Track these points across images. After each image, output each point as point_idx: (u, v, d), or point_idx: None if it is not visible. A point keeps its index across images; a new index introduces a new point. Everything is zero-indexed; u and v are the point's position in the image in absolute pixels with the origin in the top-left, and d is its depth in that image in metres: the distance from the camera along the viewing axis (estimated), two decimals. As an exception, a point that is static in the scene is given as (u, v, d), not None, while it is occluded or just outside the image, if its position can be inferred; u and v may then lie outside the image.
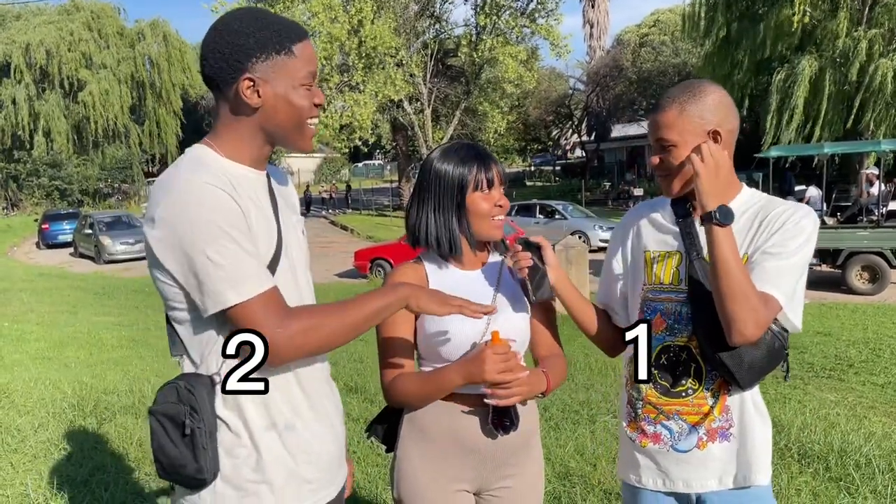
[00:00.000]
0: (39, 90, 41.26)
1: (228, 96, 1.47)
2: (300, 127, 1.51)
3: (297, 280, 1.58)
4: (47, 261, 23.86)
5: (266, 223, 1.49)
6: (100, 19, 42.70)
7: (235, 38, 1.43)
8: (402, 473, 1.85)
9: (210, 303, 1.37)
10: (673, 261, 1.79)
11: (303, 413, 1.54)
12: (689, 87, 1.72)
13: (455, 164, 1.81)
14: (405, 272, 1.87)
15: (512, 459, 1.85)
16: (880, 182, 13.41)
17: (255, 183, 1.52)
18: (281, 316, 1.39)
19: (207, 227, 1.34)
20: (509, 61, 26.59)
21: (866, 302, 11.36)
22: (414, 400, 1.82)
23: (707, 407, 1.74)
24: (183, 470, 1.42)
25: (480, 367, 1.62)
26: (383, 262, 16.51)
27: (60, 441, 4.56)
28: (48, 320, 10.97)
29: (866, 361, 7.21)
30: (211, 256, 1.35)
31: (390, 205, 35.74)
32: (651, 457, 1.83)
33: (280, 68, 1.45)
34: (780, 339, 1.68)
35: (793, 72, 20.38)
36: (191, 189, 1.36)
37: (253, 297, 1.37)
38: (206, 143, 1.51)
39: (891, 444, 4.24)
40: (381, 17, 25.32)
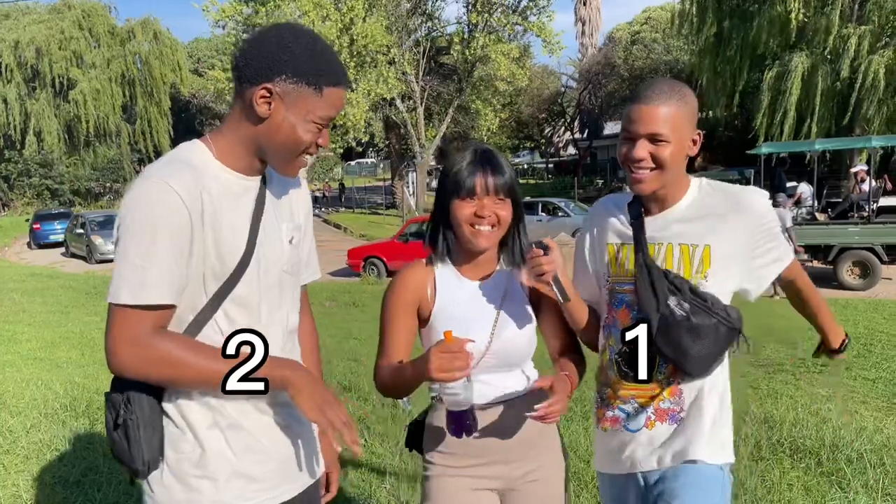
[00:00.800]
0: (30, 89, 41.05)
1: (244, 98, 1.47)
2: (293, 155, 1.51)
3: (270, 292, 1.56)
4: (38, 261, 23.75)
5: (232, 231, 1.48)
6: (90, 18, 42.48)
7: (277, 49, 1.44)
8: (430, 477, 1.88)
9: (109, 293, 1.40)
10: (629, 254, 1.84)
11: (250, 413, 1.53)
12: (678, 87, 1.74)
13: (450, 168, 1.81)
14: (415, 276, 1.87)
15: (531, 453, 1.87)
16: (871, 178, 13.47)
17: (239, 189, 1.51)
18: (144, 336, 1.38)
19: (143, 225, 1.37)
20: (501, 59, 26.60)
21: (857, 297, 11.42)
22: (389, 391, 1.86)
23: (658, 389, 1.80)
24: (122, 456, 1.47)
25: (426, 365, 1.61)
26: (376, 261, 16.50)
27: (52, 442, 4.55)
28: (40, 321, 10.92)
29: (858, 357, 7.25)
30: (129, 253, 1.38)
31: (383, 203, 35.69)
32: (608, 440, 1.90)
33: (301, 98, 1.45)
34: (725, 323, 1.71)
35: (785, 69, 20.47)
36: (149, 185, 1.39)
37: (138, 303, 1.37)
38: (204, 141, 1.53)
39: (882, 439, 4.27)
40: (373, 14, 25.27)
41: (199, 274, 1.45)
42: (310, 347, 1.82)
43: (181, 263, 1.40)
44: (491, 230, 1.77)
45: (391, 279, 1.91)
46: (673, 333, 1.69)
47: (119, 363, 1.40)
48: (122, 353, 1.39)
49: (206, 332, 1.48)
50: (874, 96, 19.07)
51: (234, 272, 1.48)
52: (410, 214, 26.52)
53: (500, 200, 1.77)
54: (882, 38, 19.87)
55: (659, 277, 1.74)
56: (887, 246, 11.95)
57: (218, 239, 1.45)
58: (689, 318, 1.68)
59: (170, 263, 1.38)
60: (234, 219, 1.49)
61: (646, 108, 1.70)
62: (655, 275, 1.75)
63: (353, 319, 10.74)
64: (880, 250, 11.90)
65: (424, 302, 1.85)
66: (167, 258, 1.38)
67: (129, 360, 1.39)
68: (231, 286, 1.48)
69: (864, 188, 13.48)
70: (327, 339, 8.72)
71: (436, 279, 1.86)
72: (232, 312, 1.50)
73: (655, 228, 1.82)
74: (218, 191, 1.46)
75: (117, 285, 1.39)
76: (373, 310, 11.78)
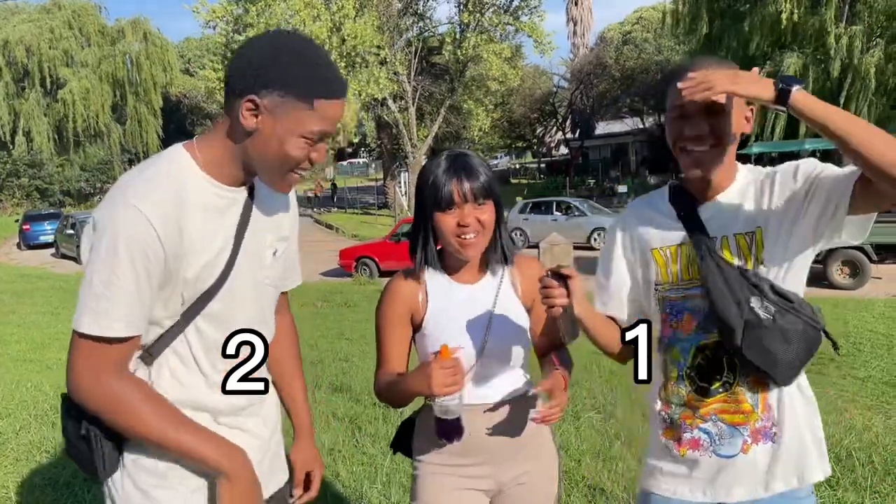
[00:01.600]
0: (19, 88, 40.82)
1: (232, 109, 1.40)
2: (282, 171, 1.43)
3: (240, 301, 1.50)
4: (28, 262, 23.63)
5: (212, 250, 1.43)
6: (80, 17, 42.30)
7: (266, 59, 1.37)
8: (418, 476, 1.89)
9: (74, 318, 1.34)
10: (685, 254, 1.67)
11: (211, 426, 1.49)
12: (724, 63, 1.59)
13: (425, 178, 1.78)
14: (405, 285, 1.85)
15: (522, 455, 1.87)
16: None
17: (223, 203, 1.46)
18: (104, 371, 1.34)
19: (109, 253, 1.31)
20: (493, 59, 26.63)
21: (847, 296, 11.48)
22: (386, 400, 1.88)
23: (748, 405, 1.62)
24: (81, 462, 1.44)
25: (427, 381, 1.61)
26: (368, 261, 16.48)
27: (42, 443, 4.53)
28: (29, 322, 10.86)
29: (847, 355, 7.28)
30: (94, 280, 1.32)
31: (375, 203, 35.66)
32: (690, 465, 1.69)
33: (290, 111, 1.37)
34: (813, 323, 1.57)
35: (777, 69, 20.55)
36: (121, 209, 1.32)
37: (98, 334, 1.32)
38: (190, 148, 1.45)
39: (871, 437, 4.30)
40: (364, 14, 25.24)
41: (173, 293, 1.39)
42: (288, 345, 1.80)
43: (146, 295, 1.34)
44: (475, 237, 1.76)
45: (383, 290, 1.90)
46: (762, 339, 1.52)
47: (77, 393, 1.35)
48: (82, 383, 1.34)
49: (175, 346, 1.44)
50: (865, 96, 19.20)
51: (209, 289, 1.43)
52: (402, 214, 26.51)
53: (480, 205, 1.75)
54: (872, 38, 20.01)
55: (735, 277, 1.56)
56: (877, 245, 12.02)
57: (197, 259, 1.39)
58: (775, 321, 1.53)
59: (134, 297, 1.32)
60: (216, 236, 1.43)
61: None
62: (730, 274, 1.57)
63: (345, 319, 10.72)
64: (869, 250, 11.96)
65: (416, 310, 1.84)
66: (133, 291, 1.32)
67: (86, 394, 1.34)
68: (205, 303, 1.43)
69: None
70: (319, 340, 8.70)
71: (426, 286, 1.85)
72: (203, 327, 1.45)
73: (706, 220, 1.65)
74: (199, 206, 1.40)
75: (80, 311, 1.33)
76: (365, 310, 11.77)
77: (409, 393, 1.74)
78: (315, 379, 6.12)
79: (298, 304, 12.00)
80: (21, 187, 38.95)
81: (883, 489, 3.55)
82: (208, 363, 1.47)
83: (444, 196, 1.73)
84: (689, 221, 1.65)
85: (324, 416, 5.02)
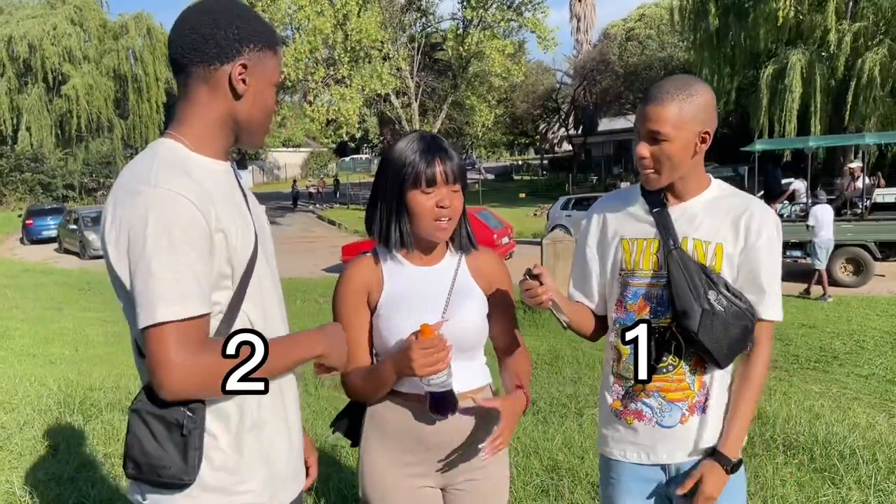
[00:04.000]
0: (22, 84, 40.79)
1: (209, 78, 1.39)
2: (265, 125, 1.49)
3: (272, 271, 1.57)
4: (31, 257, 23.65)
5: (242, 219, 1.45)
6: (83, 13, 42.24)
7: (236, 20, 1.39)
8: (366, 470, 1.84)
9: (143, 316, 1.29)
10: (651, 247, 1.86)
11: (275, 414, 1.52)
12: (685, 84, 1.76)
13: (400, 157, 1.75)
14: (360, 268, 1.85)
15: (473, 451, 1.80)
16: (865, 175, 13.52)
17: (224, 177, 1.48)
18: (200, 349, 1.32)
19: (160, 238, 1.29)
20: (496, 55, 26.59)
21: (851, 294, 11.46)
22: (362, 395, 1.83)
23: (685, 384, 1.85)
24: (165, 471, 1.37)
25: (408, 362, 1.61)
26: (371, 257, 16.46)
27: (46, 438, 4.53)
28: (33, 317, 10.89)
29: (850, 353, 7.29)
30: (154, 269, 1.29)
31: (378, 199, 35.58)
32: (636, 432, 1.91)
33: (265, 63, 1.43)
34: (749, 317, 1.79)
35: (781, 66, 20.49)
36: (156, 196, 1.31)
37: (178, 319, 1.29)
38: (174, 137, 1.44)
39: (874, 435, 4.29)
40: (368, 10, 25.21)
41: (223, 269, 1.40)
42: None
43: (207, 272, 1.35)
44: (450, 220, 1.76)
45: (339, 276, 1.88)
46: (714, 327, 1.73)
47: (172, 385, 1.30)
48: (177, 372, 1.29)
49: (238, 325, 1.44)
50: (869, 93, 19.12)
51: (249, 260, 1.45)
52: (405, 210, 26.45)
53: (455, 190, 1.76)
54: (877, 35, 19.93)
55: (697, 272, 1.78)
56: (880, 243, 12.00)
57: (233, 232, 1.41)
58: (726, 313, 1.75)
59: (197, 273, 1.32)
60: (236, 209, 1.46)
61: (648, 107, 1.75)
62: (693, 269, 1.78)
63: (348, 315, 10.72)
64: (873, 247, 11.94)
65: (373, 292, 1.82)
66: (195, 268, 1.32)
67: (184, 380, 1.30)
68: (250, 272, 1.45)
69: (857, 185, 13.52)
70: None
71: (382, 269, 1.84)
72: (256, 299, 1.47)
73: (675, 220, 1.85)
74: (214, 185, 1.41)
75: (153, 304, 1.28)
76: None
77: (389, 379, 1.70)
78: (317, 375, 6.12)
79: (300, 300, 12.01)
80: (24, 182, 38.92)
81: (887, 487, 3.54)
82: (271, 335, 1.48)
83: (427, 176, 1.71)
84: (659, 217, 1.86)
85: (327, 412, 5.02)
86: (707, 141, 1.79)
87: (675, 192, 1.86)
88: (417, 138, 1.78)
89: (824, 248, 11.28)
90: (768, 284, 1.81)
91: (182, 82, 1.43)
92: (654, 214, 1.86)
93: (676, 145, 1.75)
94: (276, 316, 1.55)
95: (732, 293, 1.78)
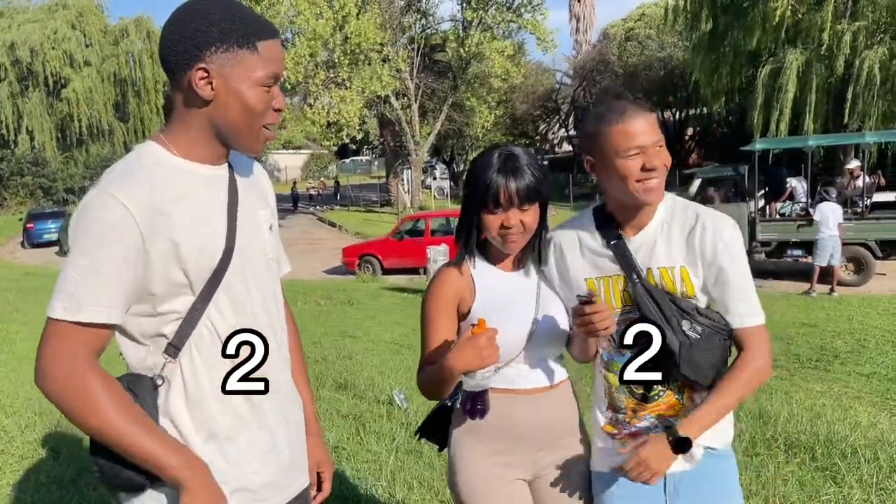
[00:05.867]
0: (23, 88, 40.86)
1: (182, 85, 1.39)
2: (252, 129, 1.43)
3: (257, 279, 1.51)
4: (32, 260, 23.69)
5: (210, 227, 1.42)
6: (83, 17, 42.28)
7: (198, 24, 1.36)
8: (459, 466, 1.90)
9: (49, 305, 1.32)
10: (618, 284, 1.81)
11: (248, 422, 1.48)
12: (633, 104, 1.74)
13: (476, 173, 1.82)
14: (453, 276, 1.89)
15: (562, 440, 1.92)
16: (864, 174, 13.51)
17: (207, 182, 1.46)
18: (74, 358, 1.30)
19: (85, 240, 1.31)
20: (496, 56, 26.62)
21: (852, 293, 11.46)
22: (429, 391, 1.87)
23: (675, 400, 1.81)
24: (121, 473, 1.36)
25: (474, 353, 1.62)
26: (372, 259, 16.49)
27: (48, 441, 4.53)
28: (34, 320, 10.86)
29: (852, 352, 7.28)
30: (69, 267, 1.32)
31: (378, 201, 35.64)
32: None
33: (238, 62, 1.38)
34: (724, 330, 1.75)
35: (779, 65, 20.46)
36: (96, 198, 1.33)
37: (73, 320, 1.30)
38: (158, 140, 1.45)
39: (876, 434, 4.28)
40: (367, 12, 25.24)
41: (175, 277, 1.38)
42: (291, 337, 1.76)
43: (124, 281, 1.32)
44: (518, 237, 1.81)
45: (430, 282, 1.93)
46: (694, 356, 1.71)
47: (43, 381, 1.31)
48: (49, 370, 1.30)
49: (200, 331, 1.42)
50: (869, 92, 19.08)
51: (218, 266, 1.41)
52: (405, 212, 26.50)
53: (525, 210, 1.79)
54: (876, 34, 19.91)
55: (667, 304, 1.73)
56: (881, 241, 12.00)
57: (188, 240, 1.38)
58: (701, 339, 1.71)
59: (112, 282, 1.31)
60: (209, 213, 1.43)
61: (640, 120, 1.69)
62: (662, 301, 1.73)
63: (349, 317, 10.72)
64: (874, 246, 11.95)
65: (465, 298, 1.88)
66: (111, 276, 1.31)
67: (52, 382, 1.30)
68: (217, 280, 1.42)
69: (857, 184, 13.52)
70: (322, 337, 8.71)
71: (472, 276, 1.89)
72: (222, 305, 1.43)
73: (633, 252, 1.79)
74: (184, 190, 1.40)
75: (55, 298, 1.31)
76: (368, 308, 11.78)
77: (451, 373, 1.72)
78: (319, 377, 6.13)
79: (301, 302, 12.01)
80: (25, 186, 38.95)
81: (889, 486, 3.54)
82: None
83: (493, 197, 1.77)
84: (618, 251, 1.80)
85: (328, 413, 5.02)
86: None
87: (633, 218, 1.80)
88: (496, 155, 1.82)
89: (826, 245, 11.29)
90: (741, 290, 1.75)
91: (170, 86, 1.45)
92: (611, 248, 1.81)
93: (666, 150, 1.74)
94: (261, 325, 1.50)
95: (705, 315, 1.74)
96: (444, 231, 16.57)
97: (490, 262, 1.91)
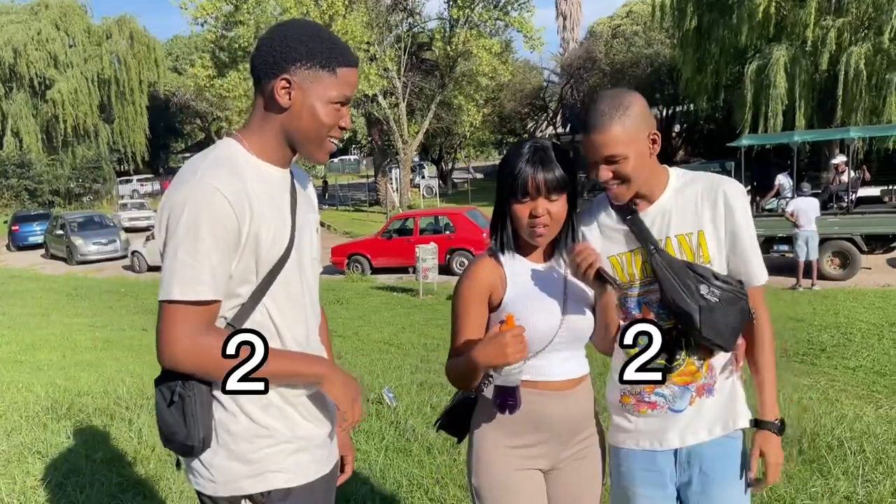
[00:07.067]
0: (7, 90, 40.56)
1: (265, 92, 1.57)
2: (319, 139, 1.61)
3: (304, 275, 1.68)
4: (18, 263, 23.48)
5: (280, 222, 1.59)
6: (67, 17, 42.00)
7: (290, 41, 1.55)
8: (479, 457, 1.93)
9: (161, 290, 1.47)
10: (639, 258, 1.90)
11: (297, 397, 1.63)
12: (616, 100, 1.80)
13: (506, 165, 1.87)
14: (485, 268, 1.92)
15: (582, 434, 1.97)
16: (850, 169, 13.61)
17: (277, 181, 1.62)
18: (196, 330, 1.47)
19: (190, 227, 1.45)
20: (483, 54, 26.61)
21: (838, 287, 11.55)
22: (456, 383, 1.92)
23: (694, 367, 1.89)
24: (175, 437, 1.54)
25: (502, 349, 1.65)
26: (360, 258, 16.45)
27: (34, 444, 4.50)
28: (20, 323, 10.81)
29: (838, 346, 7.34)
30: (178, 253, 1.46)
31: (367, 200, 35.60)
32: (648, 421, 1.95)
33: (317, 81, 1.56)
34: (742, 296, 1.83)
35: (765, 61, 20.58)
36: (196, 188, 1.47)
37: (191, 299, 1.46)
38: (236, 138, 1.61)
39: (862, 426, 4.32)
40: (353, 11, 25.19)
41: (249, 264, 1.54)
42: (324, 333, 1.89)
43: (225, 263, 1.49)
44: (546, 228, 1.85)
45: (461, 275, 1.96)
46: (714, 319, 1.79)
47: (172, 356, 1.47)
48: (176, 346, 1.46)
49: (255, 317, 1.58)
50: (854, 88, 19.23)
51: (279, 260, 1.58)
52: (394, 211, 26.49)
53: (554, 200, 1.83)
54: (860, 29, 20.05)
55: (684, 269, 1.82)
56: (866, 236, 12.10)
57: (265, 232, 1.54)
58: (720, 301, 1.79)
59: (214, 263, 1.47)
60: (279, 211, 1.60)
61: (593, 136, 1.79)
62: (679, 268, 1.82)
63: (337, 317, 10.70)
64: (859, 240, 12.04)
65: (496, 290, 1.90)
66: (213, 258, 1.46)
67: (182, 354, 1.46)
68: (276, 273, 1.58)
69: (843, 179, 13.62)
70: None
71: (504, 269, 1.92)
72: (278, 297, 1.59)
73: (649, 224, 1.89)
74: (262, 186, 1.56)
75: (168, 283, 1.46)
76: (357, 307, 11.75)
77: (476, 367, 1.74)
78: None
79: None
80: (10, 188, 38.60)
81: (874, 477, 3.57)
82: (287, 331, 1.62)
83: (521, 187, 1.82)
84: (634, 226, 1.90)
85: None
86: (657, 139, 1.83)
87: (643, 196, 1.89)
88: (526, 147, 1.87)
89: (802, 239, 11.41)
90: (753, 252, 1.87)
91: (255, 91, 1.62)
92: (627, 223, 1.91)
93: (633, 160, 1.79)
94: (299, 318, 1.66)
95: (722, 280, 1.81)
96: (432, 230, 16.57)
97: (521, 254, 1.94)
